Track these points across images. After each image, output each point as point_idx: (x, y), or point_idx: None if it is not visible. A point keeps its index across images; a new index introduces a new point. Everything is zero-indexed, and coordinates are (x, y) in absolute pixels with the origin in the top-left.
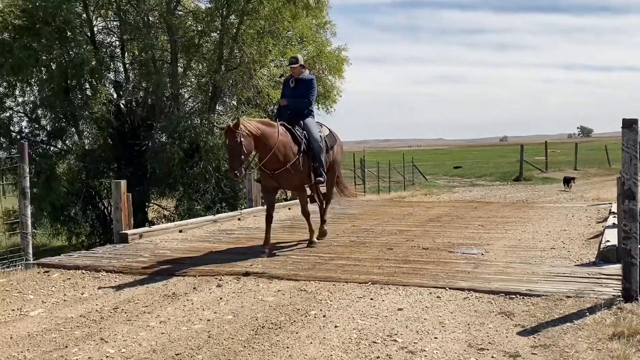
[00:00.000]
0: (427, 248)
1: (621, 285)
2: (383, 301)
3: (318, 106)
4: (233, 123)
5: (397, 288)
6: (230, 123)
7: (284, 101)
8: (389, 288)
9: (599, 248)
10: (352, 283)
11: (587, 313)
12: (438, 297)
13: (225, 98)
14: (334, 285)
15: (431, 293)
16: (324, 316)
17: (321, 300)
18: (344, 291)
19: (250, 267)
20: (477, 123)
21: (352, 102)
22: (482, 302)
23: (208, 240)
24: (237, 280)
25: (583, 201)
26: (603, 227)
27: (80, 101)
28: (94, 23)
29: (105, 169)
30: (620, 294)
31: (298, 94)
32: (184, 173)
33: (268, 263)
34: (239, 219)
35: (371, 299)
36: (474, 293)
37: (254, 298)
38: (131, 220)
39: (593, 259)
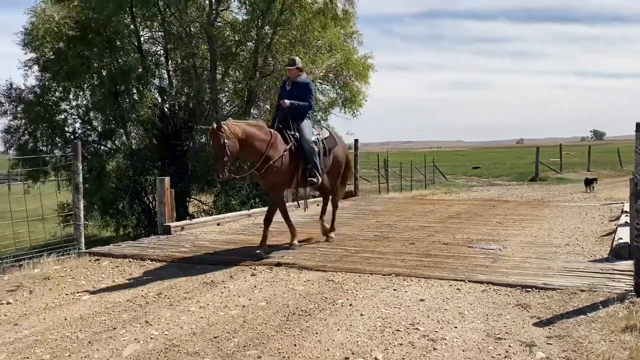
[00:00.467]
0: (448, 243)
1: (633, 280)
2: (406, 292)
3: (345, 110)
4: (216, 125)
5: (419, 280)
6: (214, 125)
7: (286, 102)
8: (411, 280)
9: (612, 245)
10: (377, 275)
11: (601, 306)
12: (458, 289)
13: (259, 102)
14: (360, 276)
15: (451, 285)
16: (350, 305)
17: (347, 290)
18: (369, 282)
19: (281, 258)
20: (495, 126)
21: (377, 107)
22: (500, 295)
23: (243, 233)
24: (270, 270)
25: (596, 200)
26: (616, 225)
27: (128, 105)
28: (141, 33)
29: (150, 167)
30: (632, 289)
31: (294, 97)
32: None
33: (298, 255)
34: None
35: (394, 290)
36: (492, 286)
37: (285, 287)
38: (174, 213)
39: (606, 256)
